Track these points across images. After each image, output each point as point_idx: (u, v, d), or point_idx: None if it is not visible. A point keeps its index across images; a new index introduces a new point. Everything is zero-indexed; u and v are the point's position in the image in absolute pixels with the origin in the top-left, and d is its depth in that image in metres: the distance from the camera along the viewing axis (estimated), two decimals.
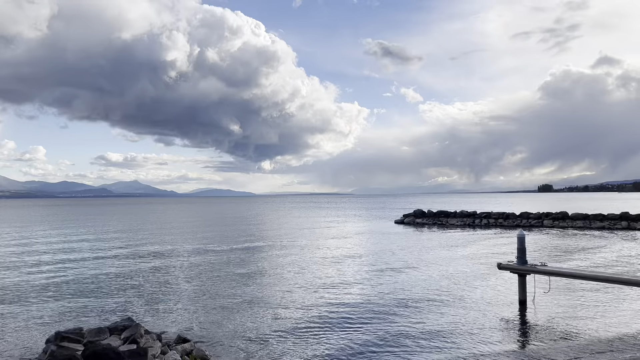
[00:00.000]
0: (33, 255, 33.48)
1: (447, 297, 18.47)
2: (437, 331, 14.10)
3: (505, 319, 15.46)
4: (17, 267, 27.97)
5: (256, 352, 12.58)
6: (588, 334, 13.78)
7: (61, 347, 11.00)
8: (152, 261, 30.05)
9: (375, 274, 24.10)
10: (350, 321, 15.37)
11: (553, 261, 26.19)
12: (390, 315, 15.91)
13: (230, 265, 27.95)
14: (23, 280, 23.55)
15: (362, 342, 13.25)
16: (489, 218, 58.83)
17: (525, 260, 17.29)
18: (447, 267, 25.70)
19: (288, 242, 40.98)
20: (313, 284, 21.69)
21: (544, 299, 17.68)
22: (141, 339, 11.62)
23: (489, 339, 13.35)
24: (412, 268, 25.66)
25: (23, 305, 18.28)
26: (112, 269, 27.13)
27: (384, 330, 14.32)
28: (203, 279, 23.38)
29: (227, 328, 14.89)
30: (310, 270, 25.60)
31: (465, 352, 12.33)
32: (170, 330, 14.44)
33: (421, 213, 66.07)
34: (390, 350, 12.57)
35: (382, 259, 29.25)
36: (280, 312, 16.74)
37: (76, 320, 15.92)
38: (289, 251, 34.21)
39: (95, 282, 22.91)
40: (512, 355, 12.20)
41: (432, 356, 12.09)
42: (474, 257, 29.64)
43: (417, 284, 21.13)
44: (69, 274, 25.51)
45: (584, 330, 14.19)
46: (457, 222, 59.71)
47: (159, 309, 17.47)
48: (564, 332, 13.98)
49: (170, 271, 26.04)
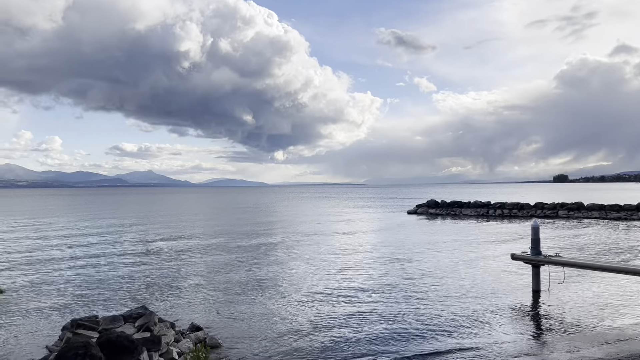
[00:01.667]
0: (50, 244, 33.96)
1: (460, 287, 18.37)
2: (448, 321, 14.04)
3: (518, 310, 15.35)
4: (34, 256, 28.40)
5: (270, 340, 12.64)
6: (603, 325, 13.63)
7: (77, 334, 11.17)
8: (165, 250, 30.31)
9: (388, 264, 24.05)
10: (363, 310, 15.38)
11: (567, 252, 25.93)
12: (403, 305, 15.88)
13: (244, 254, 28.09)
14: (40, 269, 23.90)
15: (375, 330, 13.25)
16: (503, 208, 58.35)
17: (539, 251, 17.14)
18: (461, 258, 25.56)
19: (301, 232, 41.06)
20: (326, 273, 21.71)
21: (558, 289, 17.52)
22: (155, 327, 11.76)
23: (502, 330, 13.27)
24: (425, 258, 25.56)
25: (40, 293, 18.57)
26: (126, 258, 27.42)
27: (397, 318, 14.30)
28: (216, 268, 23.54)
29: (240, 317, 14.98)
30: (324, 260, 25.63)
31: (478, 341, 12.28)
32: (183, 319, 14.56)
33: (434, 203, 65.75)
34: (402, 337, 12.56)
35: (395, 249, 29.18)
36: (293, 301, 16.80)
37: (91, 308, 16.13)
38: (302, 241, 34.28)
39: (110, 271, 23.17)
40: (525, 346, 12.13)
41: (444, 344, 12.06)
42: (488, 247, 29.44)
43: (430, 274, 21.05)
44: (85, 262, 25.83)
45: (598, 321, 14.04)
46: (470, 213, 59.33)
47: (172, 298, 17.63)
48: (578, 323, 13.84)
49: (183, 260, 26.25)
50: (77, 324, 11.90)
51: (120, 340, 9.70)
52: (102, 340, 9.75)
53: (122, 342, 9.67)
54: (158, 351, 10.50)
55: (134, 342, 9.83)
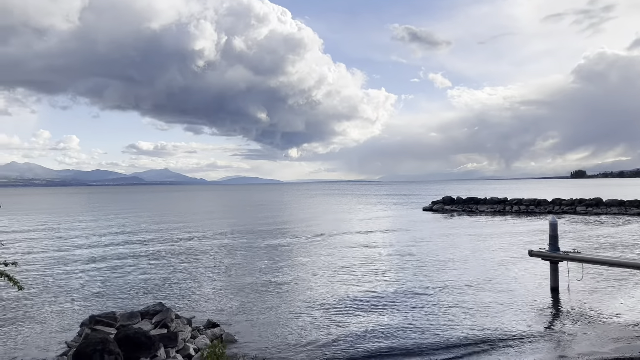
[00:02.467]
0: (68, 242, 34.42)
1: (477, 284, 18.21)
2: (466, 317, 13.93)
3: (537, 307, 15.16)
4: (53, 253, 28.80)
5: (285, 336, 12.66)
6: (623, 323, 13.41)
7: (95, 330, 11.30)
8: (181, 248, 30.53)
9: (404, 260, 23.94)
10: (379, 305, 15.33)
11: (586, 248, 25.56)
12: (421, 300, 15.77)
13: (258, 251, 28.18)
14: (59, 266, 24.23)
15: (391, 324, 13.19)
16: (520, 204, 57.75)
17: (557, 247, 16.91)
18: (477, 254, 25.35)
19: (316, 228, 41.08)
20: (342, 269, 21.68)
21: (576, 286, 17.26)
22: (172, 324, 11.83)
23: (520, 327, 13.12)
24: (441, 254, 25.40)
25: (58, 290, 18.81)
26: (143, 255, 27.67)
27: (413, 313, 14.21)
28: (231, 265, 23.64)
29: (255, 313, 15.02)
30: (339, 256, 25.61)
31: (495, 338, 12.15)
32: (199, 315, 14.63)
33: (450, 200, 65.30)
34: (420, 332, 12.49)
35: (411, 246, 29.04)
36: (308, 297, 16.79)
37: (108, 305, 16.30)
38: (317, 237, 34.29)
39: (127, 268, 23.40)
40: (543, 343, 11.99)
41: (461, 340, 11.96)
42: (505, 244, 29.15)
43: (447, 270, 20.91)
44: (102, 259, 26.13)
45: (618, 318, 13.81)
46: (487, 209, 58.83)
47: (188, 295, 17.74)
48: (597, 321, 13.63)
49: (199, 257, 26.42)
50: (95, 320, 12.03)
51: (137, 336, 9.78)
52: (120, 337, 9.84)
53: (140, 338, 9.75)
54: (175, 347, 10.58)
55: (151, 339, 9.92)
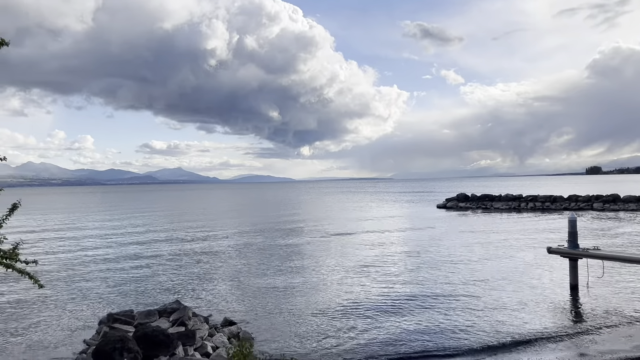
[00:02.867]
0: (86, 241, 34.74)
1: (495, 282, 18.02)
2: (484, 315, 13.78)
3: (556, 305, 14.94)
4: (71, 251, 29.08)
5: (302, 336, 12.61)
6: None
7: (113, 329, 11.33)
8: (197, 246, 30.66)
9: (421, 259, 23.77)
10: (397, 305, 15.21)
11: (605, 245, 25.16)
12: (439, 300, 15.62)
13: (273, 250, 28.19)
14: (77, 264, 24.44)
15: (409, 322, 13.09)
16: (536, 201, 57.12)
17: (576, 244, 16.64)
18: (495, 252, 25.09)
19: (330, 227, 41.00)
20: (358, 270, 21.57)
21: (597, 284, 16.99)
22: (189, 322, 11.84)
23: (540, 325, 12.94)
24: (458, 253, 25.19)
25: (77, 287, 18.96)
26: (159, 253, 27.82)
27: (432, 310, 14.09)
28: (246, 264, 23.67)
29: (272, 312, 15.00)
30: (355, 256, 25.51)
31: (516, 338, 11.99)
32: (216, 313, 14.64)
33: (464, 197, 64.81)
34: (439, 333, 12.36)
35: (427, 244, 28.84)
36: (325, 297, 16.74)
37: (126, 303, 16.38)
38: (332, 237, 34.22)
39: (143, 266, 23.53)
40: (563, 342, 11.80)
41: (480, 338, 11.82)
42: (522, 241, 28.83)
43: (465, 269, 20.71)
44: (119, 258, 26.32)
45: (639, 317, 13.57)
46: (502, 206, 58.27)
47: (204, 293, 17.78)
48: (618, 319, 13.39)
49: (214, 256, 26.48)
50: (114, 318, 12.07)
51: (156, 334, 9.79)
52: (138, 335, 9.86)
53: (158, 336, 9.76)
54: (193, 345, 10.57)
55: (169, 337, 9.92)
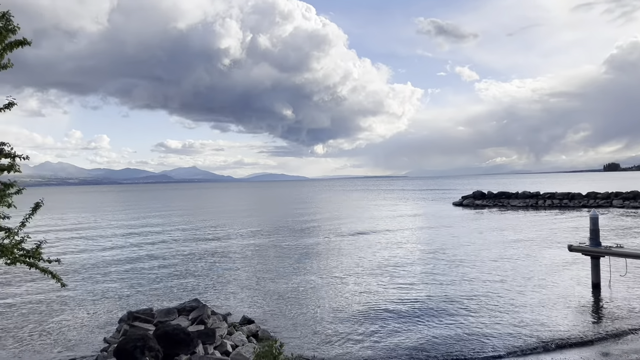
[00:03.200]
0: (104, 239, 35.06)
1: (516, 281, 17.77)
2: (506, 318, 13.58)
3: (578, 304, 14.69)
4: (90, 250, 29.36)
5: (322, 336, 12.54)
6: None
7: (133, 327, 11.37)
8: (213, 244, 30.76)
9: (440, 258, 23.55)
10: (416, 303, 15.09)
11: (626, 243, 24.72)
12: (460, 300, 15.44)
13: (290, 249, 28.17)
14: (96, 263, 24.66)
15: (430, 322, 12.96)
16: (553, 199, 56.41)
17: (598, 242, 16.35)
18: (513, 250, 24.77)
19: (347, 226, 40.87)
20: (375, 268, 21.45)
21: (619, 283, 16.68)
22: (208, 320, 11.84)
23: (562, 326, 12.72)
24: (477, 252, 24.92)
25: (96, 285, 19.12)
26: (177, 252, 27.96)
27: (451, 310, 13.93)
28: (263, 263, 23.67)
29: (290, 311, 14.95)
30: (373, 256, 25.37)
31: (537, 338, 11.79)
32: (234, 311, 14.65)
33: (481, 194, 64.28)
34: (464, 333, 12.22)
35: (445, 243, 28.59)
36: (342, 297, 16.65)
37: (145, 301, 16.46)
38: (349, 236, 34.11)
39: (162, 264, 23.66)
40: (586, 342, 11.58)
41: (503, 341, 11.65)
42: (541, 239, 28.45)
43: (484, 269, 20.47)
44: (137, 256, 26.50)
45: None
46: (519, 204, 57.65)
47: (222, 291, 17.81)
48: None
49: (231, 254, 26.54)
50: (134, 316, 12.13)
51: (176, 332, 9.79)
52: (159, 333, 9.87)
53: (179, 334, 9.76)
54: (213, 344, 10.56)
55: (189, 335, 9.92)
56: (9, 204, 5.97)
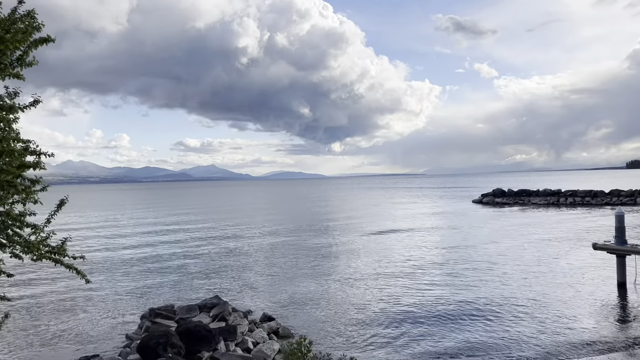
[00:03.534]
0: (125, 238, 35.50)
1: (540, 281, 17.49)
2: (530, 316, 13.37)
3: (604, 303, 14.39)
4: (111, 247, 29.75)
5: (341, 331, 12.50)
6: None
7: (155, 323, 11.45)
8: (233, 242, 30.91)
9: (462, 258, 23.30)
10: (439, 299, 14.95)
11: None
12: (485, 303, 15.24)
13: (309, 247, 28.17)
14: (117, 259, 24.96)
15: (454, 318, 12.82)
16: (575, 196, 55.49)
17: (624, 240, 16.02)
18: (537, 248, 24.41)
19: (366, 225, 40.73)
20: (397, 269, 21.31)
21: None
22: (229, 317, 11.87)
23: (588, 325, 12.48)
24: (499, 248, 24.63)
25: (119, 282, 19.35)
26: (196, 248, 28.17)
27: (479, 317, 13.69)
28: (283, 261, 23.70)
29: (310, 309, 14.92)
30: (393, 254, 25.24)
31: (563, 338, 11.57)
32: (254, 308, 14.67)
33: (501, 192, 63.52)
34: (491, 338, 12.05)
35: (466, 242, 28.28)
36: (363, 297, 16.57)
37: (166, 297, 16.59)
38: (368, 235, 34.00)
39: (182, 261, 23.84)
40: (613, 342, 11.33)
41: (524, 334, 11.46)
42: (564, 237, 27.98)
43: (507, 264, 20.21)
44: (158, 253, 26.75)
45: None
46: (540, 201, 56.83)
47: (243, 288, 17.85)
48: None
49: (251, 252, 26.63)
50: (155, 312, 12.22)
51: (198, 329, 9.83)
52: (181, 330, 9.92)
53: (200, 331, 9.80)
54: (234, 341, 10.58)
55: (211, 332, 9.95)
56: (35, 200, 6.03)
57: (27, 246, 5.95)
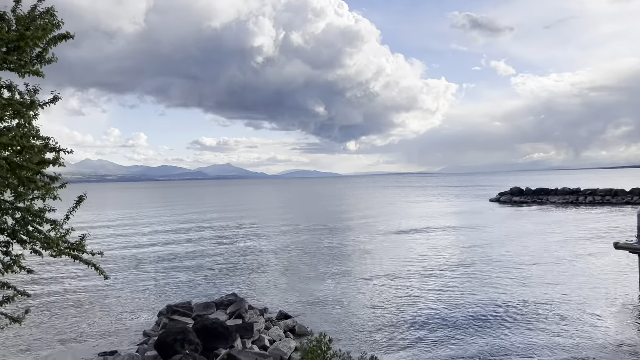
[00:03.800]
0: (143, 235, 35.84)
1: (559, 277, 17.25)
2: (552, 316, 13.16)
3: (627, 304, 14.12)
4: (129, 245, 30.05)
5: (356, 328, 12.44)
6: None
7: (173, 320, 11.50)
8: (250, 240, 31.02)
9: (480, 258, 23.04)
10: (457, 305, 14.80)
11: None
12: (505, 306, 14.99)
13: (325, 246, 28.14)
14: (135, 256, 25.20)
15: (474, 318, 12.68)
16: (595, 195, 54.62)
17: None
18: (557, 247, 24.08)
19: (381, 224, 40.55)
20: (414, 269, 21.14)
21: None
22: (246, 314, 11.87)
23: (609, 326, 12.25)
24: (519, 247, 24.35)
25: (136, 279, 19.52)
26: (213, 246, 28.32)
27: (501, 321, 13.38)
28: (299, 259, 23.71)
29: (326, 308, 14.88)
30: (410, 254, 25.08)
31: (584, 339, 11.36)
32: (271, 306, 14.66)
33: (519, 191, 62.78)
34: (505, 332, 11.90)
35: (485, 242, 27.91)
36: (379, 297, 16.49)
37: (183, 294, 16.67)
38: (386, 234, 33.86)
39: (199, 259, 23.97)
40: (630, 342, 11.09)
41: (545, 332, 11.28)
42: (584, 236, 27.56)
43: (526, 263, 19.96)
44: (175, 251, 26.94)
45: None
46: (558, 200, 56.05)
47: (259, 286, 17.88)
48: None
49: (267, 250, 26.68)
50: (173, 309, 12.28)
51: (215, 326, 9.84)
52: (198, 327, 9.94)
53: (217, 328, 9.81)
54: (250, 338, 10.58)
55: (228, 329, 9.95)
56: (54, 196, 6.06)
57: (46, 242, 5.99)
